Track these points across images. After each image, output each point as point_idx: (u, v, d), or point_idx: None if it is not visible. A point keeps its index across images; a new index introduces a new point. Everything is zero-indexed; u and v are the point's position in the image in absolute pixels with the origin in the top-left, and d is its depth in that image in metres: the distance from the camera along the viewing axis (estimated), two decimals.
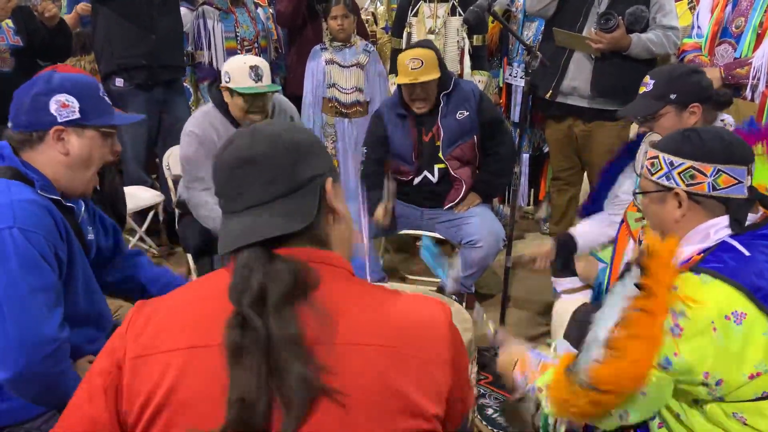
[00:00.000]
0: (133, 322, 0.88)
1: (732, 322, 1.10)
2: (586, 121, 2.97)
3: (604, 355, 1.10)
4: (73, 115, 1.35)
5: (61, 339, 1.25)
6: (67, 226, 1.34)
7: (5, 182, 1.29)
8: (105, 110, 1.41)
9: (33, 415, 1.34)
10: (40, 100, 1.33)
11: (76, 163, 1.38)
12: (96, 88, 1.41)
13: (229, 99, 2.44)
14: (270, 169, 0.85)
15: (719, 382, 1.11)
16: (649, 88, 1.86)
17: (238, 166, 0.86)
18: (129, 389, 0.84)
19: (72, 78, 1.38)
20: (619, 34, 2.73)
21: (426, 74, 2.54)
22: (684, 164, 1.25)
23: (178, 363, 0.82)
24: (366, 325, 0.83)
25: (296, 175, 0.86)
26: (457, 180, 2.72)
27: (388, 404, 0.81)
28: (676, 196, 1.26)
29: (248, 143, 0.87)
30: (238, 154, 0.86)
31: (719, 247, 1.20)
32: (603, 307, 1.18)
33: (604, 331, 1.13)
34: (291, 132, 0.89)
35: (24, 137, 1.35)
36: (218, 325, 0.81)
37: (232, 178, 0.86)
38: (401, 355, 0.83)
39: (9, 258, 1.20)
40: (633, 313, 1.08)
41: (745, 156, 1.25)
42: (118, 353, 0.86)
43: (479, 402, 2.25)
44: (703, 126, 1.80)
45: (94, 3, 3.16)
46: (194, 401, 0.80)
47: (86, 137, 1.38)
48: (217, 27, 3.45)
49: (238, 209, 0.86)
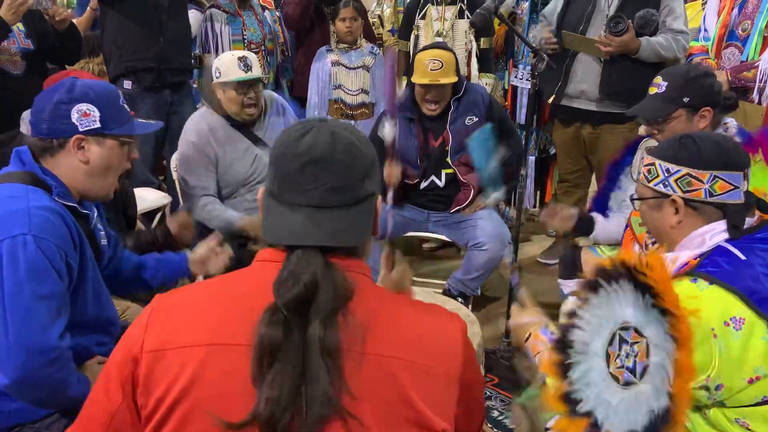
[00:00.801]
0: (154, 316, 0.88)
1: (731, 328, 1.10)
2: (594, 124, 2.97)
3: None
4: (95, 124, 1.36)
5: (61, 348, 1.25)
6: (81, 234, 1.36)
7: (24, 188, 1.30)
8: (125, 119, 1.43)
9: (42, 415, 1.35)
10: (61, 108, 1.34)
11: (95, 171, 1.40)
12: (116, 97, 1.43)
13: (221, 95, 2.46)
14: (343, 177, 0.86)
15: (719, 387, 1.11)
16: (661, 89, 1.84)
17: (314, 163, 0.85)
18: (145, 382, 0.84)
19: (94, 87, 1.40)
20: (628, 37, 2.72)
21: (445, 76, 2.54)
22: (680, 171, 1.25)
23: (198, 359, 0.82)
24: (390, 338, 0.85)
25: (362, 189, 0.88)
26: (465, 185, 2.72)
27: (402, 416, 0.82)
28: (673, 203, 1.27)
29: (328, 144, 0.86)
30: (316, 152, 0.86)
31: (715, 252, 1.20)
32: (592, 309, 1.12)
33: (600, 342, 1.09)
34: (365, 145, 0.91)
35: (44, 144, 1.37)
36: (244, 325, 0.81)
37: (302, 172, 0.86)
38: (418, 368, 0.84)
39: (18, 264, 1.22)
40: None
41: (741, 161, 1.25)
42: (136, 346, 0.86)
43: (485, 404, 2.25)
44: (708, 129, 1.80)
45: (103, 6, 3.19)
46: (212, 398, 0.81)
47: (106, 146, 1.40)
48: (224, 30, 3.47)
49: (299, 203, 0.86)
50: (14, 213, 1.25)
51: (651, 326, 1.03)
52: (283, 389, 0.78)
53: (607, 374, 1.06)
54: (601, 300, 1.10)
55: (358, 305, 0.84)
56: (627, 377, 1.04)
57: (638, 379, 1.02)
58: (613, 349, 1.07)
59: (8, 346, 1.21)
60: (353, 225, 0.88)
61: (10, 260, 1.22)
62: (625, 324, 1.07)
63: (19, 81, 2.63)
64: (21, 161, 1.37)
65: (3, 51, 2.58)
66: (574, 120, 3.03)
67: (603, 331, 1.08)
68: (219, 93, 2.47)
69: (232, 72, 2.40)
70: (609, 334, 1.08)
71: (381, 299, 0.90)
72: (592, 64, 2.87)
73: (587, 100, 2.93)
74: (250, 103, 2.45)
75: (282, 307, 0.80)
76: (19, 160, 1.37)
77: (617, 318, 1.07)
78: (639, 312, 1.04)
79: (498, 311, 2.79)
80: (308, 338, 0.79)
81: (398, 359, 0.83)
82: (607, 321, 1.08)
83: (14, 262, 1.22)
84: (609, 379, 1.05)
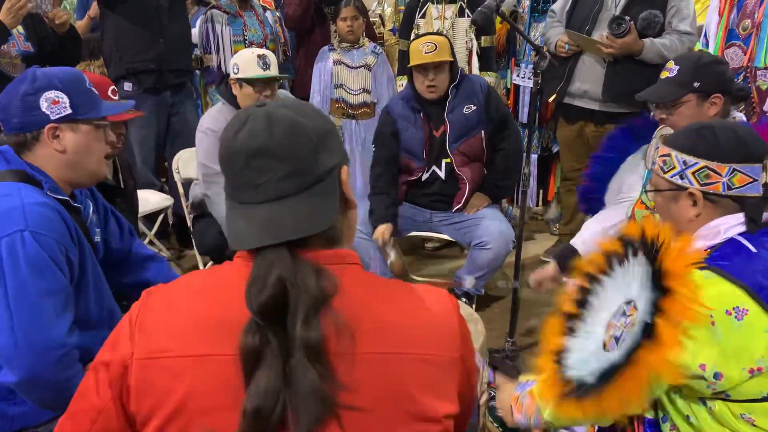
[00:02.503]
0: (141, 316, 0.85)
1: (732, 317, 1.09)
2: (598, 123, 2.96)
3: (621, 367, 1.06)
4: (65, 111, 1.33)
5: (69, 344, 1.24)
6: (78, 228, 1.34)
7: (15, 185, 1.28)
8: (95, 102, 1.39)
9: (45, 419, 1.34)
10: (29, 99, 1.31)
11: (74, 159, 1.36)
12: (82, 80, 1.38)
13: (238, 92, 2.48)
14: (291, 161, 0.80)
15: (718, 376, 1.10)
16: (673, 73, 1.83)
17: (255, 155, 0.80)
18: (137, 390, 0.82)
19: (58, 74, 1.35)
20: (630, 39, 2.70)
21: (440, 56, 2.55)
22: (698, 164, 1.22)
23: (192, 370, 0.80)
24: (382, 333, 0.81)
25: (317, 166, 0.81)
26: (460, 178, 2.71)
27: (403, 411, 0.81)
28: (691, 196, 1.24)
29: (265, 130, 0.80)
30: (255, 143, 0.80)
31: (726, 244, 1.19)
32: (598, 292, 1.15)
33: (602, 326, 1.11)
34: (308, 117, 0.83)
35: (19, 139, 1.34)
36: (234, 333, 0.78)
37: (247, 167, 0.80)
38: (416, 359, 0.82)
39: (19, 262, 1.20)
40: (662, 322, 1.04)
41: (760, 153, 1.23)
42: (125, 350, 0.83)
43: (490, 404, 2.24)
44: (718, 118, 1.78)
45: (104, 9, 3.19)
46: (209, 410, 0.79)
47: (81, 132, 1.36)
48: (225, 31, 3.47)
49: (255, 201, 0.80)
50: (9, 210, 1.23)
51: (644, 294, 1.07)
52: (265, 398, 0.74)
53: (600, 341, 1.11)
54: (614, 279, 1.12)
55: (345, 300, 0.79)
56: (612, 344, 1.09)
57: (618, 345, 1.07)
58: (614, 321, 1.11)
59: (16, 344, 1.20)
60: (317, 208, 0.81)
61: (10, 258, 1.20)
62: (629, 298, 1.10)
63: None
64: (5, 160, 1.34)
65: (3, 54, 2.59)
66: (578, 118, 3.02)
67: (611, 306, 1.12)
68: (235, 89, 2.49)
69: (250, 69, 2.43)
70: (616, 308, 1.11)
71: (369, 289, 0.85)
72: (595, 65, 2.85)
73: (590, 99, 2.91)
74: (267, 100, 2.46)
75: (255, 315, 0.76)
76: (3, 160, 1.34)
77: (626, 292, 1.10)
78: (643, 284, 1.07)
79: (502, 310, 2.77)
80: (289, 341, 0.75)
81: (393, 354, 0.81)
82: (618, 296, 1.11)
83: (15, 259, 1.20)
84: (600, 345, 1.10)
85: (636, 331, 1.06)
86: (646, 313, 1.06)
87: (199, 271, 0.94)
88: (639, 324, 1.06)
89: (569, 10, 2.96)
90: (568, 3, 2.98)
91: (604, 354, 1.11)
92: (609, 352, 1.10)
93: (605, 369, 1.08)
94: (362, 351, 0.79)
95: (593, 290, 1.17)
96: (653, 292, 1.07)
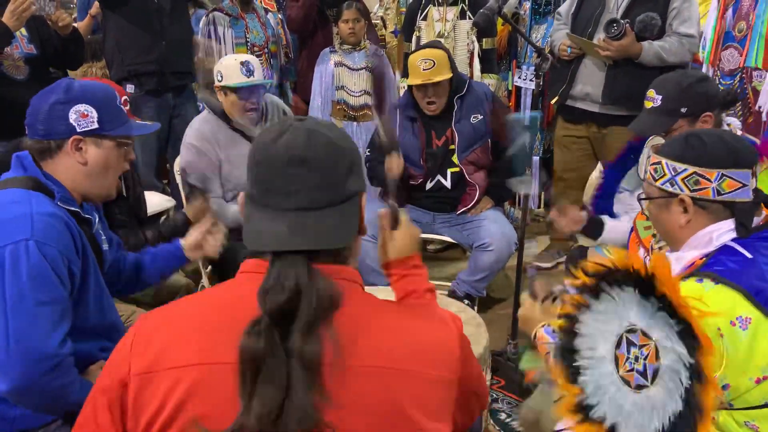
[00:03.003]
0: (138, 337, 0.86)
1: (738, 327, 1.08)
2: (600, 125, 2.95)
3: None
4: (92, 125, 1.36)
5: (61, 355, 1.23)
6: (84, 239, 1.35)
7: (26, 193, 1.29)
8: (122, 120, 1.42)
9: (46, 421, 1.34)
10: (58, 109, 1.33)
11: (94, 172, 1.39)
12: (114, 98, 1.42)
13: (223, 98, 2.46)
14: (325, 175, 0.83)
15: (725, 387, 1.10)
16: (657, 103, 1.81)
17: (292, 164, 0.82)
18: (134, 406, 0.82)
19: (91, 87, 1.39)
20: (627, 41, 2.68)
21: (438, 74, 2.54)
22: (687, 170, 1.23)
23: (188, 380, 0.80)
24: (380, 347, 0.82)
25: (346, 187, 0.85)
26: (471, 185, 2.71)
27: (396, 426, 0.81)
28: (681, 203, 1.25)
29: (304, 143, 0.83)
30: (293, 152, 0.82)
31: (721, 251, 1.19)
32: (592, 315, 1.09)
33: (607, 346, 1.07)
34: (345, 141, 0.88)
35: (42, 146, 1.36)
36: (231, 342, 0.78)
37: (284, 174, 0.82)
38: (410, 376, 0.82)
39: (21, 270, 1.21)
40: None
41: (748, 159, 1.24)
42: (122, 370, 0.84)
43: (492, 406, 2.23)
44: (710, 128, 1.78)
45: (105, 10, 3.19)
46: (203, 419, 0.79)
47: (104, 147, 1.39)
48: (227, 33, 3.47)
49: (282, 207, 0.83)
50: (17, 218, 1.24)
51: (658, 328, 1.01)
52: (271, 401, 0.75)
53: (617, 377, 1.04)
54: (603, 304, 1.07)
55: (345, 315, 0.80)
56: (638, 380, 1.02)
57: (650, 382, 1.00)
58: (621, 352, 1.05)
59: (8, 353, 1.20)
60: (340, 225, 0.85)
61: (12, 266, 1.21)
62: (632, 326, 1.04)
63: (22, 86, 2.63)
64: (22, 166, 1.36)
65: (6, 56, 2.59)
66: (580, 120, 3.01)
67: (608, 334, 1.06)
68: (220, 96, 2.47)
69: (234, 76, 2.40)
70: (615, 337, 1.05)
71: (370, 307, 0.87)
72: (597, 68, 2.85)
73: (592, 102, 2.91)
74: (251, 108, 2.45)
75: (266, 316, 0.77)
76: (20, 165, 1.36)
77: (622, 320, 1.05)
78: (644, 314, 1.02)
79: (504, 312, 2.77)
80: (289, 350, 0.77)
81: (388, 369, 0.81)
82: (612, 324, 1.06)
83: (17, 267, 1.21)
84: (620, 383, 1.03)
85: (678, 369, 0.98)
86: (681, 350, 0.99)
87: (196, 293, 0.96)
88: (676, 362, 0.99)
89: (574, 13, 2.96)
90: (574, 5, 2.98)
91: (636, 393, 1.02)
92: (643, 390, 1.01)
93: (673, 418, 0.99)
94: (358, 364, 0.80)
95: (584, 311, 1.10)
96: (666, 323, 1.01)
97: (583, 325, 1.09)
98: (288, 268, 0.79)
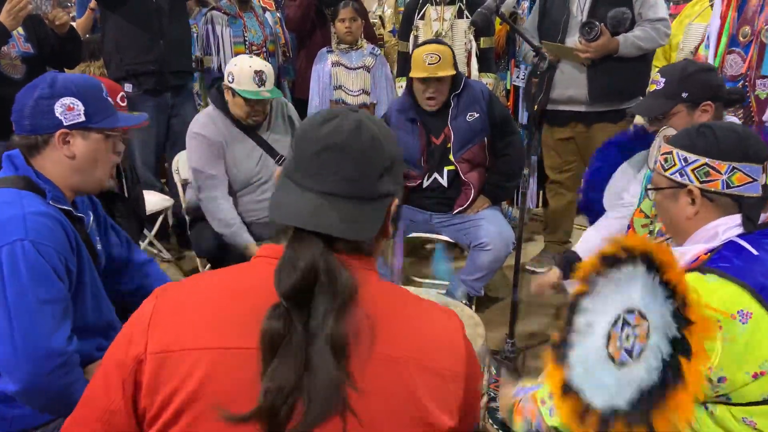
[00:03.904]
0: (156, 314, 0.85)
1: (737, 321, 1.08)
2: (587, 124, 3.00)
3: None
4: (79, 118, 1.34)
5: (69, 352, 1.24)
6: (78, 237, 1.34)
7: (17, 193, 1.29)
8: (109, 112, 1.40)
9: (46, 420, 1.34)
10: (44, 103, 1.32)
11: (82, 165, 1.37)
12: (99, 89, 1.40)
13: (229, 98, 2.46)
14: (359, 168, 0.83)
15: (722, 379, 1.10)
16: (660, 86, 1.84)
17: (332, 148, 0.83)
18: (149, 384, 0.82)
19: (76, 81, 1.37)
20: (604, 40, 2.76)
21: (443, 69, 2.54)
22: (698, 161, 1.23)
23: (207, 362, 0.80)
24: (398, 337, 0.83)
25: (378, 186, 0.85)
26: (466, 184, 2.71)
27: (409, 415, 0.82)
28: (690, 193, 1.24)
29: (349, 131, 0.83)
30: (335, 138, 0.83)
31: (726, 247, 1.19)
32: (595, 295, 1.12)
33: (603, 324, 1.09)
34: (390, 143, 0.88)
35: (29, 142, 1.34)
36: (251, 327, 0.79)
37: (319, 156, 0.83)
38: (426, 367, 0.83)
39: (19, 270, 1.21)
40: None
41: (760, 153, 1.23)
42: (138, 346, 0.83)
43: (490, 405, 2.23)
44: (723, 122, 1.79)
45: (104, 10, 3.19)
46: (222, 403, 0.79)
47: (91, 140, 1.37)
48: (225, 32, 3.47)
49: (310, 187, 0.83)
50: (10, 219, 1.24)
51: (655, 307, 1.03)
52: (284, 380, 0.76)
53: (604, 353, 1.06)
54: (609, 282, 1.09)
55: (364, 301, 0.81)
56: (623, 357, 1.04)
57: (633, 359, 1.02)
58: (615, 331, 1.07)
59: (15, 353, 1.20)
60: (361, 219, 0.84)
61: (10, 267, 1.21)
62: (631, 307, 1.06)
63: (19, 85, 2.59)
64: (14, 165, 1.35)
65: (3, 55, 2.59)
66: (567, 121, 3.06)
67: (608, 312, 1.08)
68: (227, 94, 2.47)
69: (246, 84, 2.39)
70: (613, 316, 1.08)
71: (386, 295, 0.88)
72: (574, 70, 2.90)
73: (576, 103, 2.96)
74: (256, 113, 2.47)
75: (282, 297, 0.78)
76: (11, 165, 1.35)
77: (625, 300, 1.07)
78: (647, 294, 1.04)
79: (502, 312, 2.77)
80: (311, 330, 0.77)
81: (407, 358, 0.82)
82: (615, 302, 1.08)
83: (15, 268, 1.21)
84: (606, 359, 1.05)
85: (661, 346, 1.02)
86: (670, 327, 1.02)
87: (214, 270, 0.96)
88: (662, 338, 1.02)
89: (538, 24, 3.02)
90: (536, 17, 3.04)
91: (618, 370, 1.05)
92: (625, 367, 1.04)
93: (643, 392, 1.02)
94: (376, 351, 0.81)
95: (588, 292, 1.14)
96: (666, 303, 1.03)
97: (587, 303, 1.10)
98: (303, 247, 0.80)
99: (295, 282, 0.78)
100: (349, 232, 0.83)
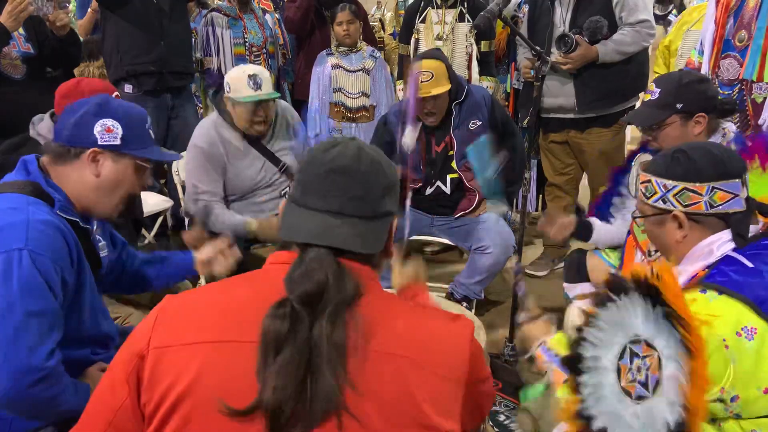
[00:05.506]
0: (161, 315, 0.89)
1: (744, 338, 1.08)
2: (580, 129, 3.03)
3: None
4: (115, 141, 1.37)
5: (47, 368, 1.21)
6: (80, 249, 1.33)
7: (25, 199, 1.28)
8: (146, 144, 1.43)
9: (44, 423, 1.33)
10: (87, 119, 1.35)
11: (104, 186, 1.39)
12: (143, 120, 1.43)
13: (231, 109, 2.44)
14: (364, 189, 0.90)
15: (735, 398, 1.10)
16: (654, 96, 1.84)
17: (337, 170, 0.89)
18: (150, 379, 0.84)
19: (126, 107, 1.41)
20: (582, 51, 2.79)
21: (436, 87, 2.50)
22: (677, 186, 1.24)
23: (203, 356, 0.83)
24: (396, 337, 0.86)
25: (381, 205, 0.92)
26: (470, 190, 2.71)
27: (406, 415, 0.83)
28: (675, 218, 1.26)
29: (354, 157, 0.91)
30: (343, 161, 0.90)
31: (723, 262, 1.19)
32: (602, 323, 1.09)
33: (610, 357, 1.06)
34: (390, 167, 0.95)
35: (62, 150, 1.36)
36: (252, 324, 0.82)
37: (326, 178, 0.90)
38: (424, 368, 0.85)
39: (11, 279, 1.19)
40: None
41: (736, 168, 1.24)
42: (141, 343, 0.87)
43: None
44: (704, 135, 1.79)
45: (104, 11, 3.19)
46: (217, 395, 0.81)
47: (121, 164, 1.39)
48: (225, 34, 3.47)
49: (316, 207, 0.89)
50: (13, 226, 1.23)
51: (662, 337, 1.01)
52: (290, 379, 0.79)
53: (618, 388, 1.03)
54: (610, 313, 1.07)
55: (366, 305, 0.86)
56: (639, 391, 1.01)
57: (651, 393, 1.00)
58: (624, 363, 1.05)
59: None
60: (366, 235, 0.90)
61: (3, 276, 1.19)
62: (636, 337, 1.04)
63: (19, 85, 2.63)
64: (26, 170, 1.35)
65: (4, 55, 2.58)
66: (561, 127, 3.08)
67: (613, 345, 1.06)
68: (228, 106, 2.45)
69: (241, 90, 2.37)
70: (619, 348, 1.06)
71: (388, 301, 0.93)
72: (561, 80, 2.93)
73: (567, 111, 2.98)
74: (259, 120, 2.44)
75: (293, 302, 0.82)
76: (24, 169, 1.35)
77: (627, 331, 1.05)
78: (649, 323, 1.03)
79: (502, 315, 2.77)
80: (314, 333, 0.81)
81: (403, 357, 0.84)
82: (617, 334, 1.06)
83: (8, 277, 1.19)
84: (621, 394, 1.03)
85: (678, 377, 0.98)
86: (682, 356, 0.99)
87: (224, 279, 1.01)
88: (672, 367, 0.99)
89: (529, 37, 3.01)
90: (527, 31, 3.07)
91: (638, 405, 1.01)
92: (645, 402, 1.00)
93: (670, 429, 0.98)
94: (374, 349, 0.83)
95: (590, 326, 1.10)
96: (670, 331, 1.00)
97: (589, 335, 1.09)
98: (317, 261, 0.85)
99: (309, 290, 0.83)
100: (357, 245, 0.88)
